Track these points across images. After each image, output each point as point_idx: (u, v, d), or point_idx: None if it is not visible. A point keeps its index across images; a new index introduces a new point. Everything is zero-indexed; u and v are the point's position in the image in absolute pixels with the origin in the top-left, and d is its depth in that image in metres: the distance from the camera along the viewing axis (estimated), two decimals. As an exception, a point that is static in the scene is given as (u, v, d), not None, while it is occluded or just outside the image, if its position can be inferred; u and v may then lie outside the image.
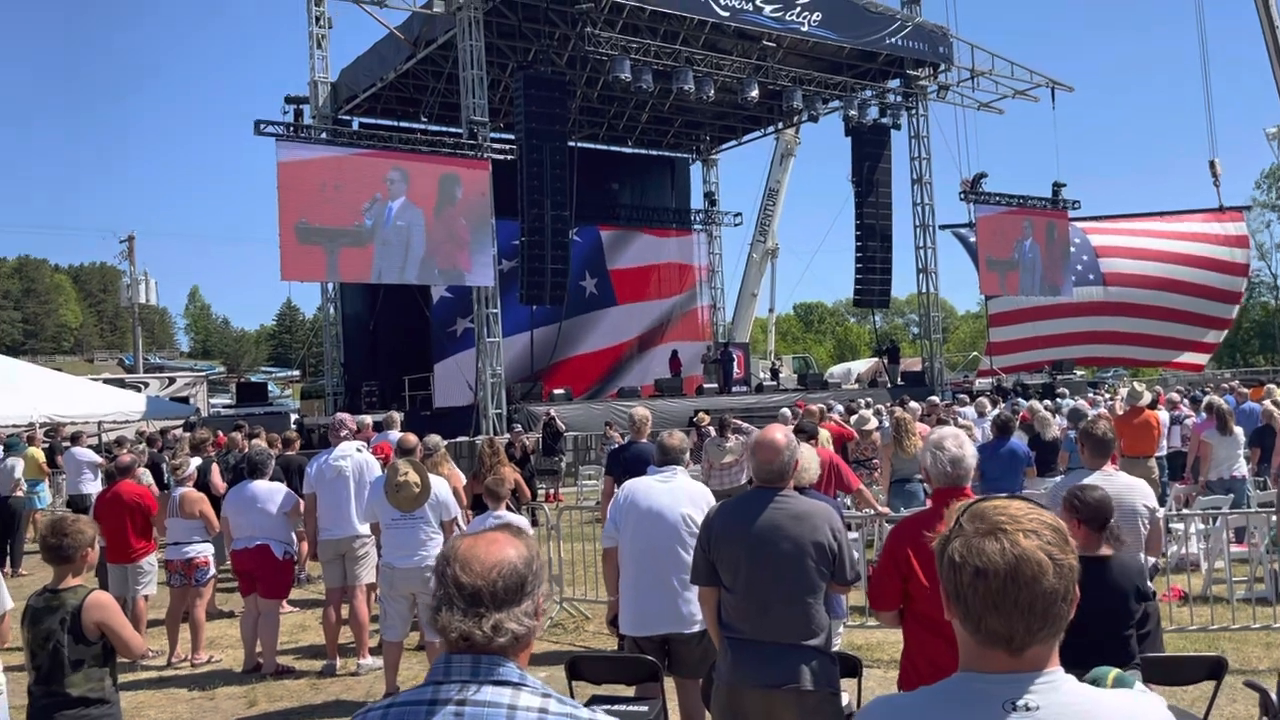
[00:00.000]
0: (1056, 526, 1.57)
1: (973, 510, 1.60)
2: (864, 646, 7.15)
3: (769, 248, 37.48)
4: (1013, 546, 1.52)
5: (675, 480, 5.05)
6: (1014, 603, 1.50)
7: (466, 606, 1.69)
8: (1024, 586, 1.50)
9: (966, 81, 28.79)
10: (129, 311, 46.41)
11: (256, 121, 18.91)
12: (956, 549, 1.56)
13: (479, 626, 1.68)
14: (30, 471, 14.40)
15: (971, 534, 1.55)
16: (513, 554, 1.76)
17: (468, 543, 1.78)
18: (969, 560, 1.53)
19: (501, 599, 1.71)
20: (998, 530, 1.54)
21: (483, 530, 1.84)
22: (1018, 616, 1.50)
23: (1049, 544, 1.53)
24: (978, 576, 1.52)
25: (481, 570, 1.71)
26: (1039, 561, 1.51)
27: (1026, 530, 1.54)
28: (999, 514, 1.57)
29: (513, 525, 1.91)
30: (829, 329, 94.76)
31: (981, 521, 1.56)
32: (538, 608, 1.78)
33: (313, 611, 9.43)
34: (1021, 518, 1.56)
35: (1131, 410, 11.47)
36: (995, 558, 1.51)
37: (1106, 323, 33.49)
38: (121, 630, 4.10)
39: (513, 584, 1.72)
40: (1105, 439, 5.37)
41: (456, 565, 1.72)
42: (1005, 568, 1.50)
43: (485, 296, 21.72)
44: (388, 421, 12.48)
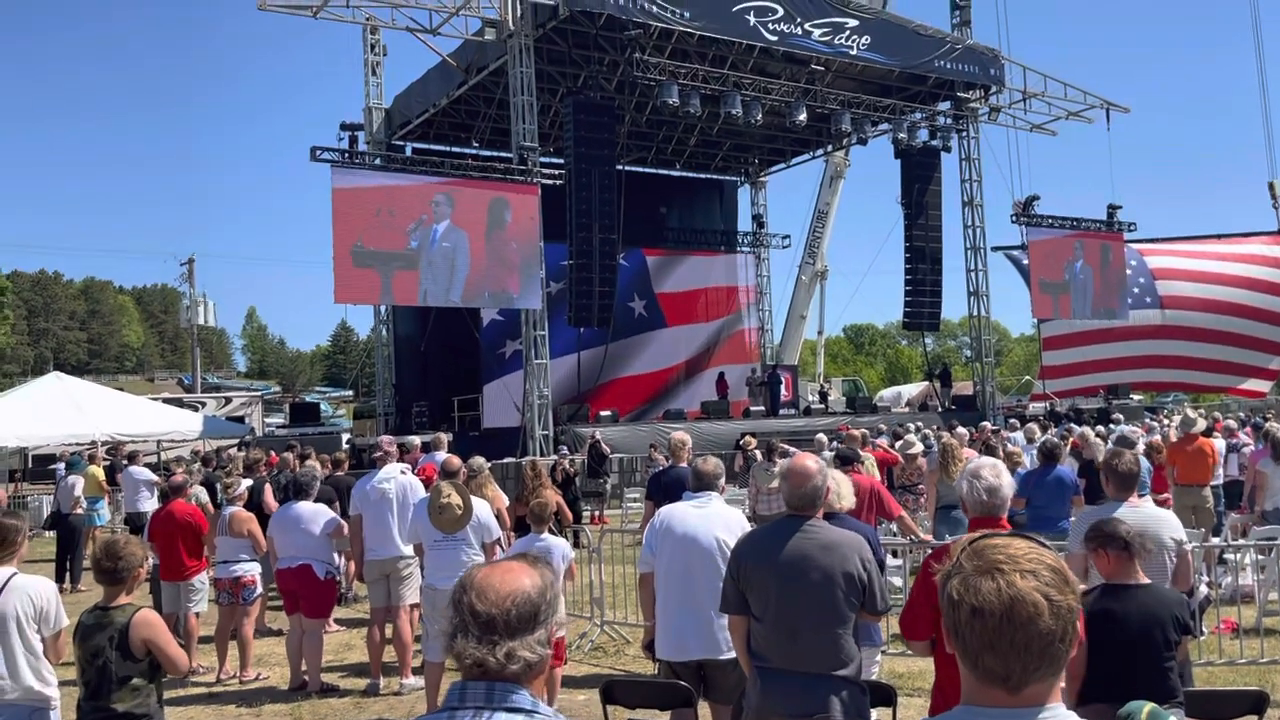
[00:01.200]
0: (1056, 567, 1.56)
1: (973, 547, 1.60)
2: (905, 675, 7.08)
3: (818, 269, 37.29)
4: (1009, 587, 1.51)
5: (710, 506, 5.06)
6: (1010, 643, 1.50)
7: (481, 634, 1.74)
8: (1019, 627, 1.50)
9: (1019, 103, 28.55)
10: (188, 332, 47.52)
11: (313, 148, 19.35)
12: (955, 586, 1.56)
13: (493, 654, 1.72)
14: (90, 489, 14.79)
15: (970, 572, 1.56)
16: (527, 583, 1.80)
17: (484, 572, 1.83)
18: (965, 599, 1.54)
19: (515, 627, 1.75)
20: (995, 569, 1.54)
21: (499, 560, 1.89)
22: (1014, 656, 1.50)
23: (1047, 584, 1.52)
24: (974, 615, 1.52)
25: (496, 599, 1.76)
26: (1035, 602, 1.50)
27: (1024, 570, 1.53)
28: (997, 553, 1.57)
29: (529, 555, 1.96)
30: (880, 351, 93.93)
31: (980, 559, 1.57)
32: (550, 636, 1.82)
33: (357, 631, 9.56)
34: (1020, 557, 1.55)
35: (1186, 437, 11.24)
36: (991, 597, 1.51)
37: (1165, 346, 32.77)
38: (167, 648, 4.22)
39: (526, 613, 1.77)
40: (1129, 472, 5.26)
41: (472, 593, 1.77)
42: (1001, 608, 1.50)
43: (534, 319, 21.91)
44: (435, 443, 12.63)
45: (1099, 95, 29.42)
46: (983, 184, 28.82)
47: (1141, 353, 32.51)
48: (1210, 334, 32.76)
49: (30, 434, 22.33)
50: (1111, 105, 29.59)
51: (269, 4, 20.06)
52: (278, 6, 20.33)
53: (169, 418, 25.82)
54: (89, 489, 14.68)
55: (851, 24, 24.60)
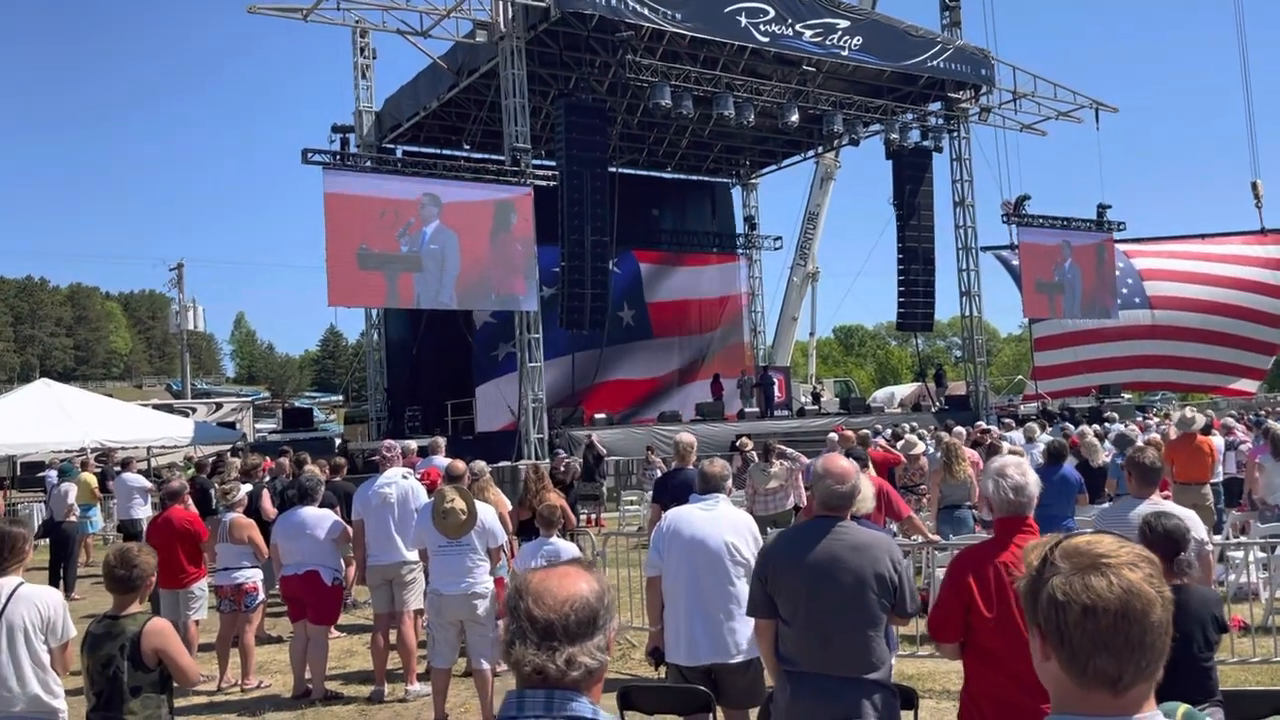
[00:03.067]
0: (1152, 559, 1.53)
1: (1065, 547, 1.55)
2: (915, 676, 7.02)
3: (809, 271, 37.35)
4: (1120, 580, 1.47)
5: (718, 509, 5.00)
6: (1124, 639, 1.45)
7: (540, 640, 1.68)
8: (1134, 621, 1.46)
9: (1009, 103, 28.62)
10: (177, 338, 47.24)
11: (304, 150, 19.23)
12: (1058, 587, 1.50)
13: (552, 660, 1.67)
14: (83, 496, 14.66)
15: (1071, 571, 1.51)
16: (585, 588, 1.75)
17: (539, 576, 1.77)
18: (1075, 598, 1.48)
19: (574, 633, 1.70)
20: (1100, 565, 1.49)
21: (554, 565, 1.82)
22: (1128, 654, 1.46)
23: (1151, 576, 1.50)
24: (1086, 615, 1.47)
25: (554, 604, 1.71)
26: (1148, 596, 1.47)
27: (1129, 564, 1.50)
28: (1095, 548, 1.52)
29: (583, 559, 1.90)
30: (869, 352, 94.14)
31: (1079, 557, 1.52)
32: (609, 642, 1.76)
33: (360, 637, 9.47)
34: (1119, 551, 1.52)
35: (1185, 436, 11.23)
36: (1105, 593, 1.47)
37: (1154, 347, 32.91)
38: (179, 658, 4.14)
39: (585, 618, 1.71)
40: (1153, 467, 5.26)
41: (529, 599, 1.71)
42: (1116, 604, 1.46)
43: (528, 322, 21.84)
44: (432, 447, 12.53)
45: (1088, 95, 29.55)
46: (974, 184, 28.89)
47: (1132, 353, 32.64)
48: (1199, 334, 32.92)
49: (19, 441, 22.14)
50: (1100, 105, 29.70)
51: (259, 6, 19.95)
52: (268, 9, 20.21)
53: (160, 424, 25.64)
54: (82, 496, 14.54)
55: (843, 25, 24.62)
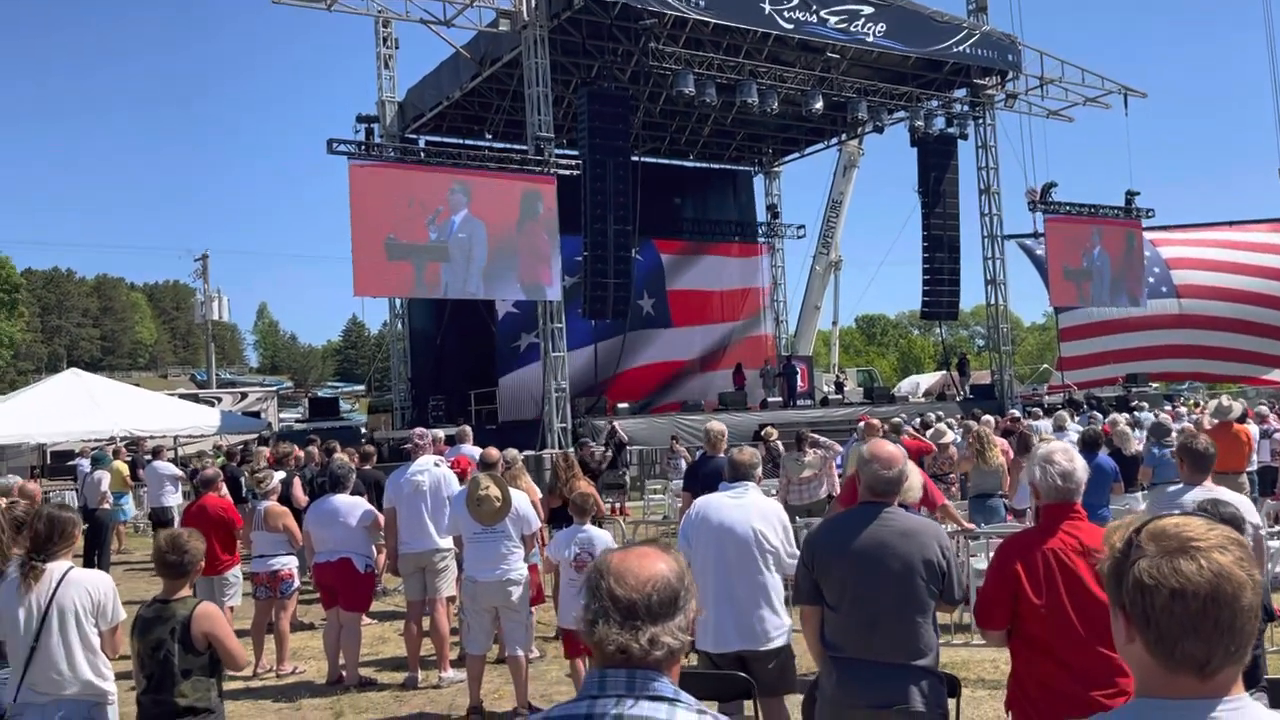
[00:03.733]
0: (1241, 541, 1.52)
1: (1151, 529, 1.54)
2: (952, 664, 6.98)
3: (832, 260, 37.17)
4: (1210, 564, 1.46)
5: (747, 496, 4.98)
6: (1214, 623, 1.44)
7: (623, 619, 1.69)
8: (1224, 605, 1.45)
9: (1035, 89, 28.33)
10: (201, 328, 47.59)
11: (329, 140, 19.27)
12: (1146, 570, 1.49)
13: (636, 639, 1.68)
14: (115, 484, 14.82)
15: (1158, 554, 1.49)
16: (664, 568, 1.75)
17: (619, 556, 1.78)
18: (1165, 581, 1.47)
19: (657, 612, 1.71)
20: (1190, 549, 1.48)
21: (632, 545, 1.83)
22: (1217, 638, 1.45)
23: (1241, 559, 1.48)
24: (1175, 598, 1.46)
25: (636, 584, 1.71)
26: (1239, 579, 1.46)
27: (1219, 547, 1.48)
28: (1184, 530, 1.51)
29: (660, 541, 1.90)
30: (892, 341, 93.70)
31: (1168, 539, 1.51)
32: (690, 622, 1.77)
33: (392, 624, 9.54)
34: (1208, 534, 1.50)
35: (1222, 425, 11.12)
36: (1195, 577, 1.46)
37: (1183, 336, 32.55)
38: (227, 641, 4.18)
39: (667, 598, 1.72)
40: (1206, 453, 5.21)
41: (611, 578, 1.72)
42: (1207, 587, 1.45)
43: (550, 311, 21.86)
44: (460, 435, 12.62)
45: (1116, 80, 29.20)
46: (999, 171, 28.65)
47: (1160, 342, 32.30)
48: (1228, 323, 32.53)
49: (50, 431, 22.39)
50: (1129, 90, 29.35)
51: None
52: (292, 0, 20.25)
53: (186, 413, 25.89)
54: (114, 484, 14.70)
55: (867, 11, 24.42)
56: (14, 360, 67.31)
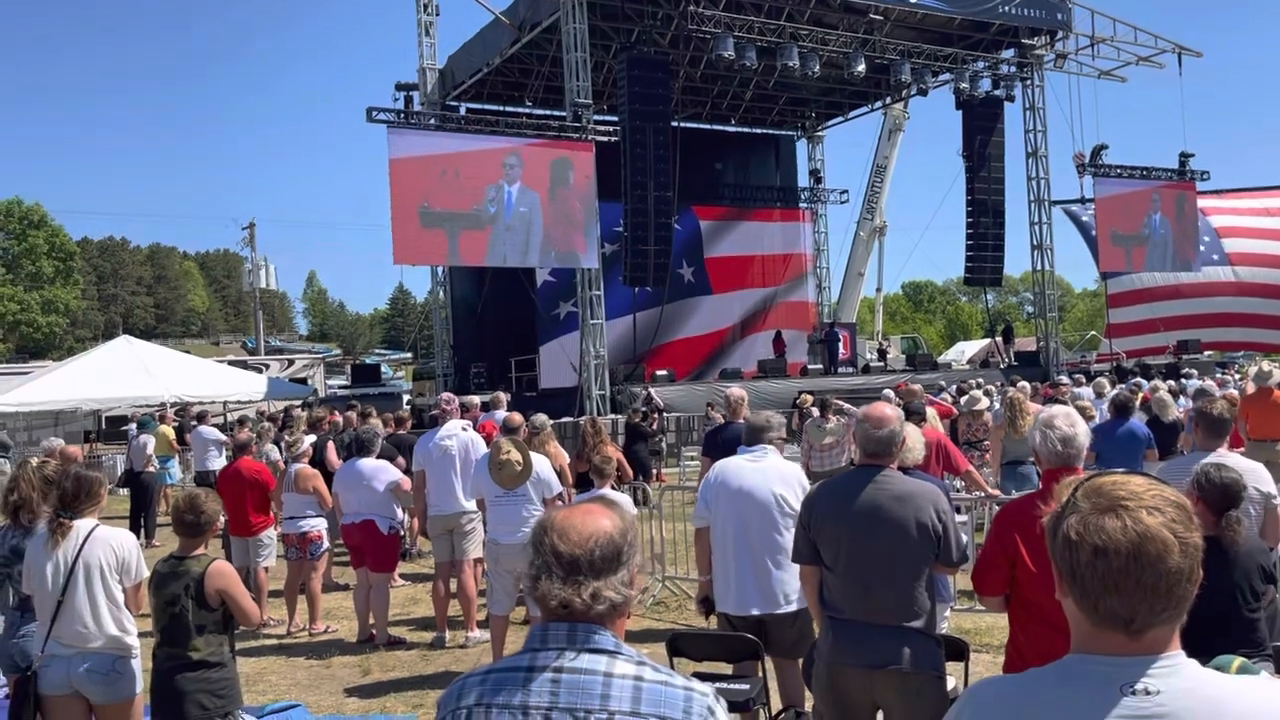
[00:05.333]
0: (1180, 503, 1.49)
1: (1089, 486, 1.52)
2: (972, 631, 6.99)
3: (877, 225, 36.73)
4: (1135, 524, 1.44)
5: (766, 460, 4.99)
6: (1136, 583, 1.43)
7: (565, 575, 1.72)
8: (1147, 566, 1.43)
9: (1086, 49, 27.62)
10: (250, 296, 48.39)
11: (368, 109, 19.41)
12: (1073, 526, 1.48)
13: (578, 594, 1.71)
14: (161, 448, 15.19)
15: (1088, 511, 1.48)
16: (608, 524, 1.78)
17: (564, 514, 1.81)
18: (1087, 538, 1.46)
19: (599, 568, 1.73)
20: (1118, 506, 1.47)
21: (577, 502, 1.86)
22: (1139, 597, 1.43)
23: (1173, 521, 1.45)
24: (1097, 555, 1.45)
25: (579, 539, 1.74)
26: (1164, 540, 1.43)
27: (1149, 507, 1.46)
28: (1119, 489, 1.49)
29: (606, 497, 1.93)
30: (939, 308, 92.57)
31: (1100, 497, 1.49)
32: (633, 578, 1.80)
33: (423, 585, 9.71)
34: (1143, 494, 1.48)
35: (1261, 390, 10.87)
36: (1117, 535, 1.44)
37: (1239, 304, 31.73)
38: (241, 599, 4.30)
39: (609, 553, 1.75)
40: (1221, 419, 5.11)
41: (554, 535, 1.75)
42: (1128, 546, 1.44)
43: (589, 279, 21.89)
44: (494, 402, 12.73)
45: (1170, 39, 28.37)
46: (1047, 134, 28.03)
47: (1212, 310, 31.54)
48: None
49: (103, 396, 22.98)
50: (1184, 50, 28.49)
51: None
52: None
53: (235, 380, 26.41)
54: (160, 448, 15.07)
55: (912, -29, 23.94)
56: (71, 328, 69.00)
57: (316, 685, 7.03)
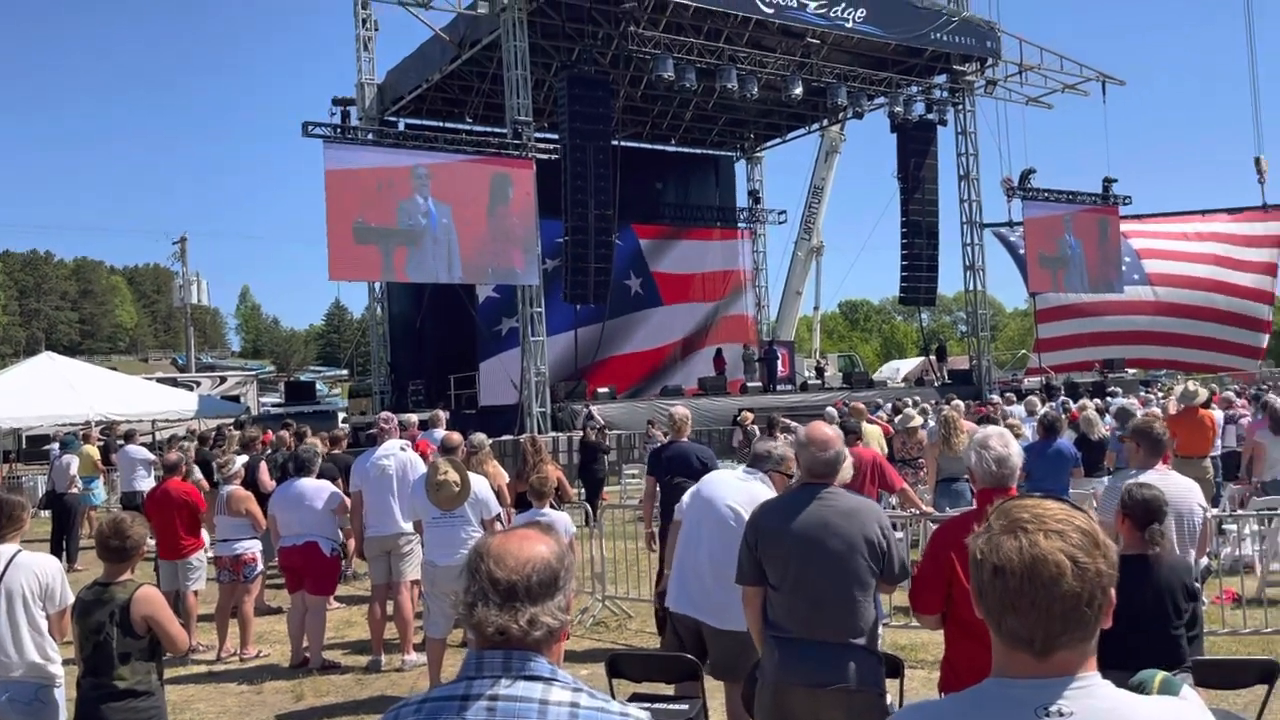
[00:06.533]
0: (1086, 529, 1.51)
1: (1002, 508, 1.57)
2: (907, 647, 7.08)
3: (814, 245, 37.22)
4: (1031, 546, 1.47)
5: (749, 483, 4.94)
6: (1031, 604, 1.46)
7: (502, 601, 1.71)
8: (1041, 588, 1.45)
9: (1015, 76, 28.38)
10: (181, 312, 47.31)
11: (304, 123, 19.18)
12: (980, 546, 1.53)
13: (515, 620, 1.70)
14: (85, 469, 14.74)
15: (996, 531, 1.52)
16: (544, 550, 1.77)
17: (500, 539, 1.80)
18: (988, 557, 1.50)
19: (536, 593, 1.73)
20: (1019, 528, 1.50)
21: (513, 528, 1.85)
22: (1036, 618, 1.46)
23: (1073, 545, 1.48)
24: (996, 575, 1.49)
25: (516, 565, 1.73)
26: (1058, 563, 1.46)
27: (1049, 530, 1.49)
28: (1024, 512, 1.53)
29: (541, 523, 1.92)
30: (875, 327, 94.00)
31: (1006, 519, 1.53)
32: (569, 603, 1.79)
33: (358, 608, 9.54)
34: (1048, 517, 1.51)
35: (1186, 410, 11.22)
36: (1012, 555, 1.48)
37: (1157, 323, 32.83)
38: (168, 625, 4.18)
39: (546, 578, 1.74)
40: (1160, 438, 5.26)
41: (490, 560, 1.74)
42: (1022, 567, 1.47)
43: (530, 296, 21.82)
44: (433, 420, 12.62)
45: (1095, 68, 29.29)
46: (979, 158, 28.73)
47: (1135, 328, 32.58)
48: (1199, 311, 32.83)
49: (24, 414, 22.25)
50: (1107, 78, 29.43)
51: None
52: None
53: (163, 397, 25.74)
54: (84, 468, 14.62)
55: (847, -4, 24.40)
56: (-9, 344, 66.77)
57: (247, 712, 6.86)
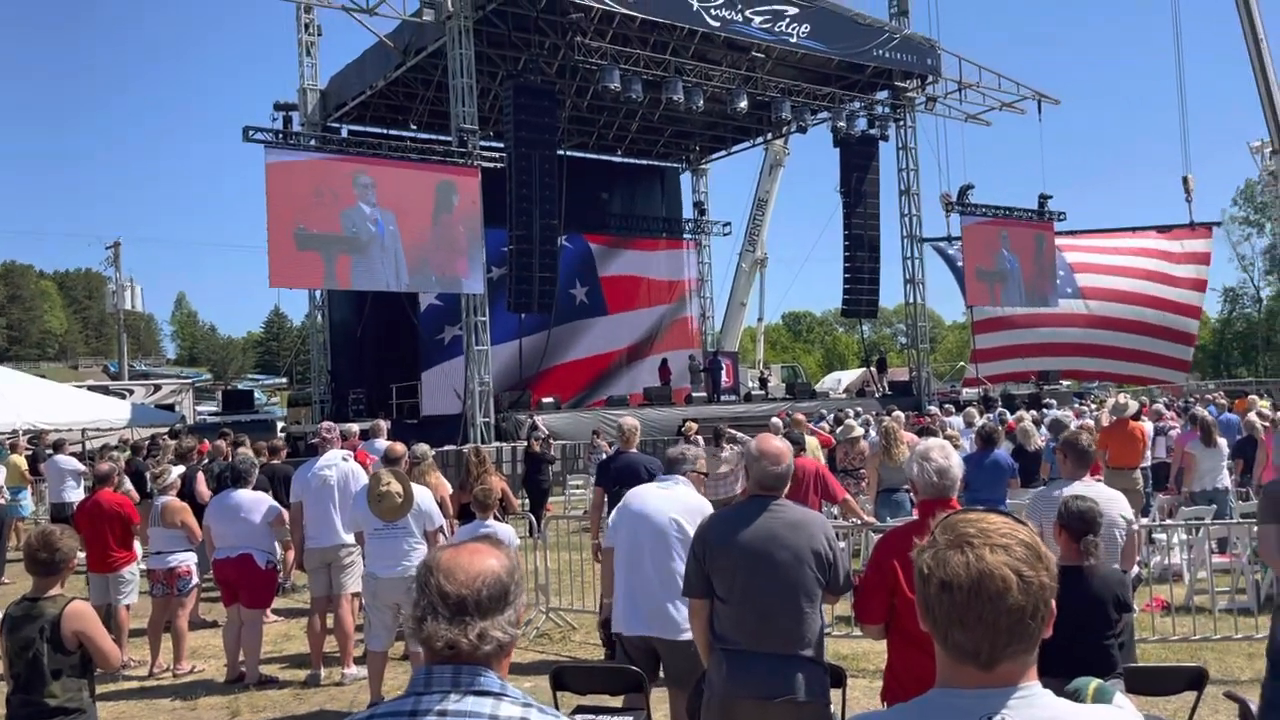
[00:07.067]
0: (1029, 543, 1.54)
1: (947, 522, 1.59)
2: (849, 657, 7.15)
3: (758, 257, 37.58)
4: (977, 561, 1.50)
5: (674, 489, 5.06)
6: (978, 618, 1.48)
7: (452, 615, 1.69)
8: (988, 602, 1.47)
9: (954, 94, 28.95)
10: (114, 318, 46.17)
11: (245, 128, 18.87)
12: (926, 560, 1.55)
13: (465, 634, 1.68)
14: (12, 479, 14.29)
15: (942, 546, 1.54)
16: (494, 564, 1.76)
17: (450, 553, 1.78)
18: (935, 572, 1.52)
19: (486, 607, 1.71)
20: (965, 543, 1.52)
21: (463, 541, 1.83)
22: (982, 632, 1.48)
23: (1018, 560, 1.50)
24: (943, 589, 1.50)
25: (466, 579, 1.72)
26: (1003, 577, 1.48)
27: (994, 545, 1.51)
28: (969, 527, 1.55)
29: (492, 536, 1.91)
30: (817, 338, 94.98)
31: (951, 533, 1.55)
32: (519, 617, 1.78)
33: (297, 621, 9.38)
34: (992, 532, 1.53)
35: (1118, 422, 11.51)
36: (959, 571, 1.50)
37: (1091, 335, 33.74)
38: (100, 640, 4.07)
39: (497, 593, 1.73)
40: (1087, 450, 5.41)
41: (440, 575, 1.72)
42: (969, 581, 1.49)
43: (474, 305, 21.68)
44: (374, 430, 12.43)
45: (1031, 86, 29.99)
46: (919, 173, 29.24)
47: (1069, 340, 33.43)
48: (1129, 324, 33.84)
49: (-53, 423, 21.47)
50: (1043, 97, 30.14)
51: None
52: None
53: (95, 406, 25.04)
54: (11, 479, 14.17)
55: (791, 11, 24.70)
56: (-87, 349, 64.49)
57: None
